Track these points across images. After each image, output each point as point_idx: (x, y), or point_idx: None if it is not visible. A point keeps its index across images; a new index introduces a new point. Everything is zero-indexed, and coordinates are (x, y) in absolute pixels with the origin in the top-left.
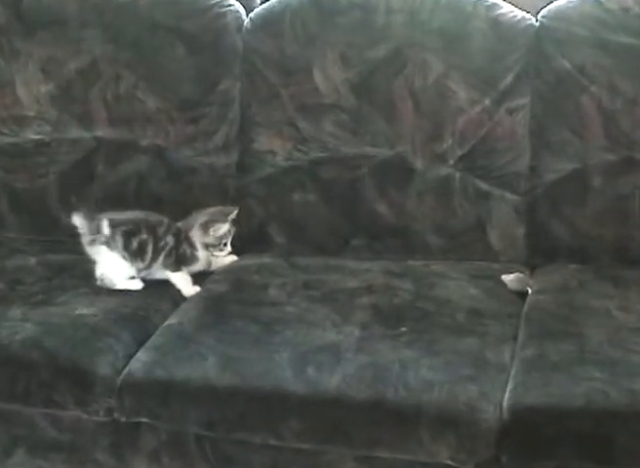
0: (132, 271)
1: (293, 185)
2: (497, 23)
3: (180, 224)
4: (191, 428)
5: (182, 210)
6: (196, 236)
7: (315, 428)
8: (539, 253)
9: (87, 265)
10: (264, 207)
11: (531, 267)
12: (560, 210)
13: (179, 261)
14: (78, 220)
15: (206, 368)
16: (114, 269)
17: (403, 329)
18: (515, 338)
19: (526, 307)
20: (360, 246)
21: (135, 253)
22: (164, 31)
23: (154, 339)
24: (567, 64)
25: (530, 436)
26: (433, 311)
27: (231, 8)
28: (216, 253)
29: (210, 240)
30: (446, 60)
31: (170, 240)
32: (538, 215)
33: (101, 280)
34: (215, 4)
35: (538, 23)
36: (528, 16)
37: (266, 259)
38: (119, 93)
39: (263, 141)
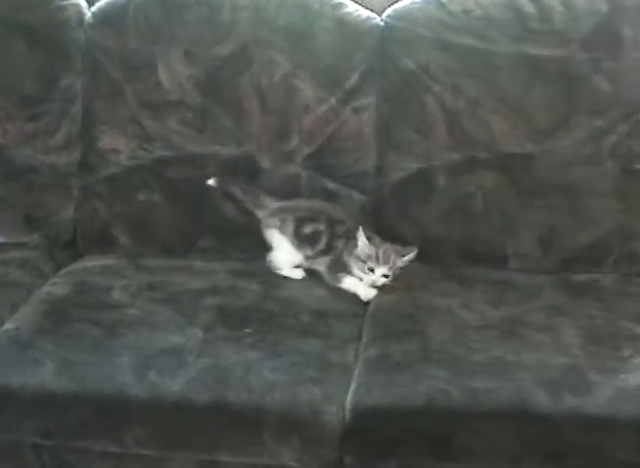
0: (298, 258)
1: (138, 185)
2: (342, 22)
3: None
4: (28, 437)
5: (22, 210)
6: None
7: (157, 434)
8: None
9: None
10: (109, 207)
11: None
12: (406, 209)
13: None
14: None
15: (43, 374)
16: (282, 254)
17: (247, 330)
18: (360, 339)
19: (371, 307)
20: (207, 246)
21: (304, 240)
22: (2, 24)
23: None
24: (411, 64)
25: (372, 436)
26: (278, 312)
27: (73, 1)
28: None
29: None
30: (292, 59)
31: (341, 243)
32: (384, 215)
33: (269, 263)
34: None
35: (383, 23)
36: (373, 15)
37: (110, 261)
38: None
39: (107, 140)
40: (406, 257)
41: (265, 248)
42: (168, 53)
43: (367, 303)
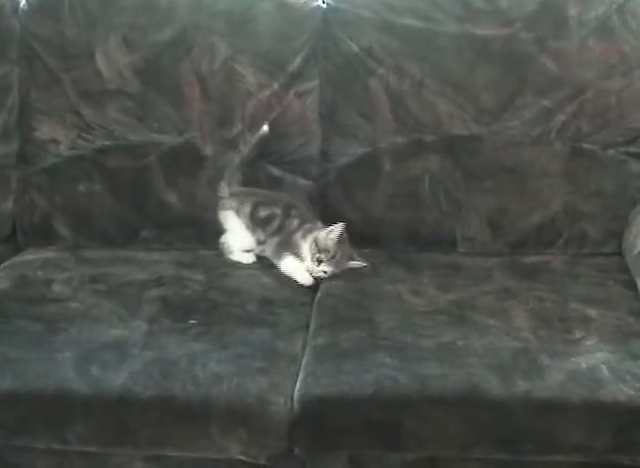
0: (250, 243)
1: (78, 175)
2: (283, 5)
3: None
4: None
5: None
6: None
7: (101, 430)
8: None
9: None
10: (48, 198)
11: None
12: (352, 194)
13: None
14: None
15: None
16: (235, 237)
17: (192, 321)
18: (307, 327)
19: (318, 294)
20: (150, 237)
21: (258, 223)
22: None
23: None
24: (354, 47)
25: (321, 426)
26: (224, 302)
27: None
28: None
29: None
30: (233, 44)
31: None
32: (330, 200)
33: (221, 246)
34: None
35: (325, 5)
36: None
37: (51, 253)
38: None
39: (45, 130)
40: (353, 264)
41: (209, 238)
42: (106, 40)
43: (315, 291)
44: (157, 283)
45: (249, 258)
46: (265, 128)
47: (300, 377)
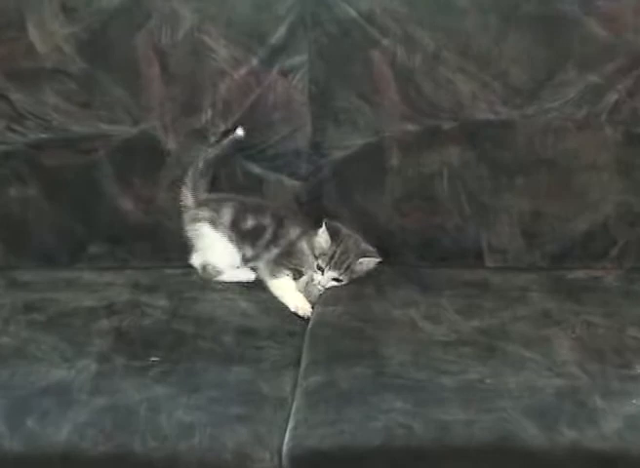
0: (234, 259)
1: (7, 177)
2: None
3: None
4: None
5: None
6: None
7: None
8: None
9: None
10: None
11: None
12: (352, 197)
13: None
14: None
15: None
16: (217, 255)
17: (154, 358)
18: (298, 363)
19: (310, 323)
20: (100, 253)
21: (245, 237)
22: None
23: None
24: (352, 12)
25: None
26: (193, 333)
27: None
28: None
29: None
30: (199, 9)
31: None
32: (324, 204)
33: (201, 269)
34: None
35: None
36: None
37: None
38: None
39: None
40: (364, 261)
41: (172, 253)
42: (40, 8)
43: (306, 319)
44: (109, 311)
45: (249, 275)
46: (240, 132)
47: (290, 426)
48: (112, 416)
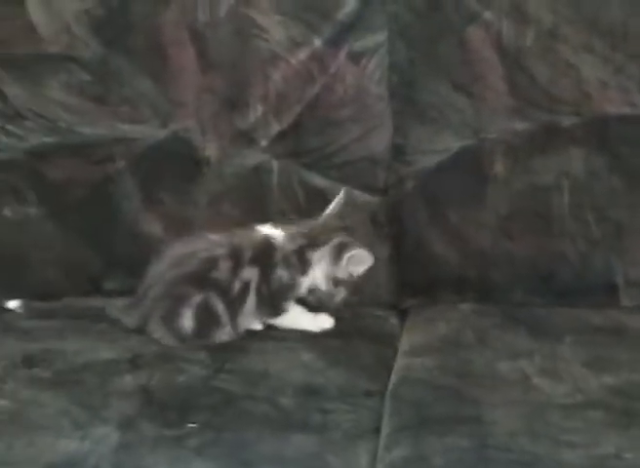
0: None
1: (1, 193)
2: None
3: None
4: None
5: None
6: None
7: None
8: (410, 288)
9: None
10: None
11: (399, 311)
12: (443, 215)
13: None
14: None
15: None
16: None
17: (191, 425)
18: (377, 432)
19: (393, 378)
20: (118, 290)
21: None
22: None
23: None
24: None
25: None
26: (242, 393)
27: None
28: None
29: (343, 273)
30: None
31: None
32: (407, 225)
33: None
34: None
35: None
36: None
37: None
38: None
39: None
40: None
41: None
42: None
43: (387, 373)
44: (133, 365)
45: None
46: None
47: None
48: None
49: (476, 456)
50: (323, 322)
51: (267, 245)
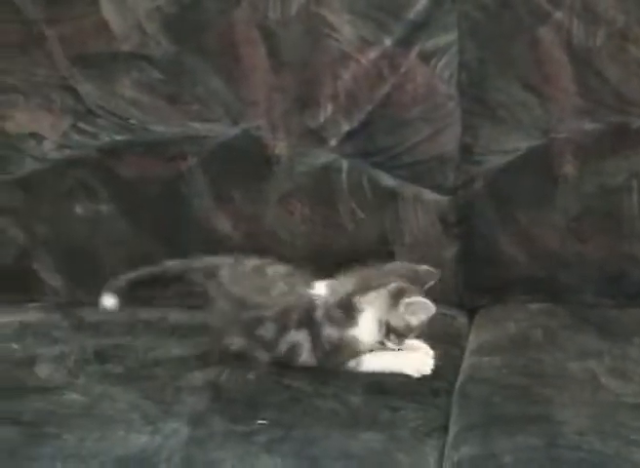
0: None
1: (73, 190)
2: None
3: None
4: None
5: None
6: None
7: None
8: (479, 288)
9: None
10: (26, 226)
11: (468, 309)
12: (513, 216)
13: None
14: None
15: None
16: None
17: (261, 422)
18: (445, 430)
19: (461, 377)
20: (189, 287)
21: None
22: None
23: None
24: None
25: None
26: (311, 391)
27: None
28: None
29: (398, 322)
30: None
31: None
32: (477, 226)
33: None
34: None
35: None
36: None
37: (33, 314)
38: None
39: (21, 117)
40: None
41: None
42: None
43: (454, 372)
44: (203, 361)
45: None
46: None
47: None
48: None
49: (546, 455)
50: (423, 365)
51: (311, 305)
